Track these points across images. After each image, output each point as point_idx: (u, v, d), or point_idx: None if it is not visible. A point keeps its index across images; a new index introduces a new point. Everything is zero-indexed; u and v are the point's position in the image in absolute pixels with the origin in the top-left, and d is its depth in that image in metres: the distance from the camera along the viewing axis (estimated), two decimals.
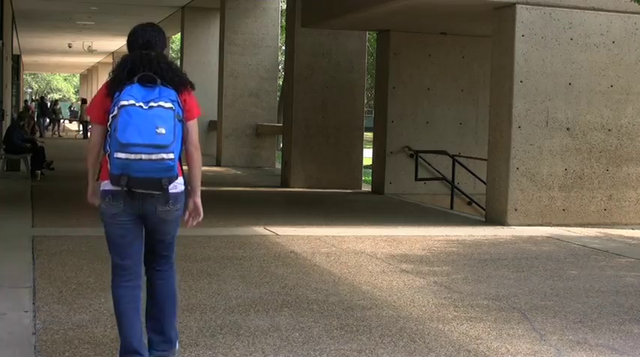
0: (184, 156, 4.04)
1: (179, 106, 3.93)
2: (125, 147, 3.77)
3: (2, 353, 4.39)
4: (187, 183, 4.08)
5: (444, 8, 11.26)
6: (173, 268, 4.24)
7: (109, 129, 3.89)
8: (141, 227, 4.05)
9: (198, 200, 4.12)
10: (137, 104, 3.83)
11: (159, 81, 3.92)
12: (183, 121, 3.94)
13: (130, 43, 4.17)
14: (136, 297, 4.07)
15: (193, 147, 4.07)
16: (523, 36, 10.18)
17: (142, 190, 3.89)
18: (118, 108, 3.83)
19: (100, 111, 4.02)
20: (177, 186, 3.98)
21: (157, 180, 3.85)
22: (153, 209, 3.97)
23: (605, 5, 10.51)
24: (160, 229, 4.06)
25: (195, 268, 6.86)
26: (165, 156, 3.80)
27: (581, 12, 10.42)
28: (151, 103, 3.84)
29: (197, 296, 5.81)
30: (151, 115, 3.82)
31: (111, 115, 3.88)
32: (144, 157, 3.79)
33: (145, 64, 3.97)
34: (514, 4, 10.18)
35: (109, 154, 3.89)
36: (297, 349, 4.59)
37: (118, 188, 3.89)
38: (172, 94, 3.93)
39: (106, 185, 3.98)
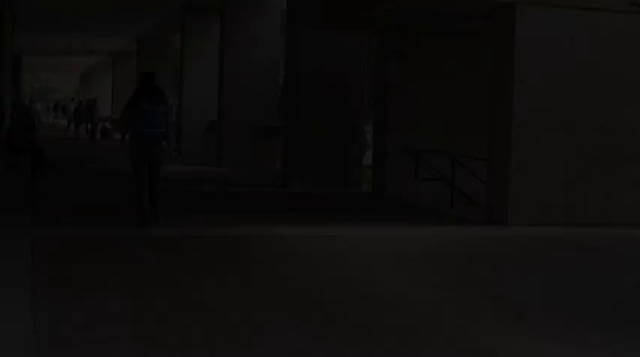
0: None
1: (165, 109, 9.24)
2: (144, 127, 8.96)
3: (2, 353, 4.39)
4: (168, 139, 9.36)
5: (444, 8, 11.26)
6: (160, 180, 9.19)
7: (134, 117, 9.03)
8: (147, 163, 9.06)
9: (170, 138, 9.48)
10: (148, 108, 8.99)
11: (156, 97, 9.13)
12: (166, 116, 9.23)
13: (140, 80, 9.44)
14: (145, 186, 9.00)
15: (170, 125, 9.48)
16: (523, 36, 10.18)
17: (150, 144, 9.01)
18: (139, 109, 8.99)
19: (131, 105, 9.21)
20: (164, 143, 9.24)
21: (157, 141, 9.08)
22: (154, 152, 9.07)
23: (606, 5, 10.51)
24: (156, 161, 9.10)
25: (196, 268, 6.86)
26: (162, 130, 9.07)
27: (582, 12, 10.42)
28: (154, 108, 9.03)
29: (197, 296, 5.82)
30: (155, 113, 9.03)
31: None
32: (152, 131, 8.97)
33: (149, 90, 9.17)
34: (514, 4, 10.18)
35: (136, 129, 9.01)
36: (297, 349, 4.59)
37: (140, 145, 9.04)
38: (162, 104, 9.19)
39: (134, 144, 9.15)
